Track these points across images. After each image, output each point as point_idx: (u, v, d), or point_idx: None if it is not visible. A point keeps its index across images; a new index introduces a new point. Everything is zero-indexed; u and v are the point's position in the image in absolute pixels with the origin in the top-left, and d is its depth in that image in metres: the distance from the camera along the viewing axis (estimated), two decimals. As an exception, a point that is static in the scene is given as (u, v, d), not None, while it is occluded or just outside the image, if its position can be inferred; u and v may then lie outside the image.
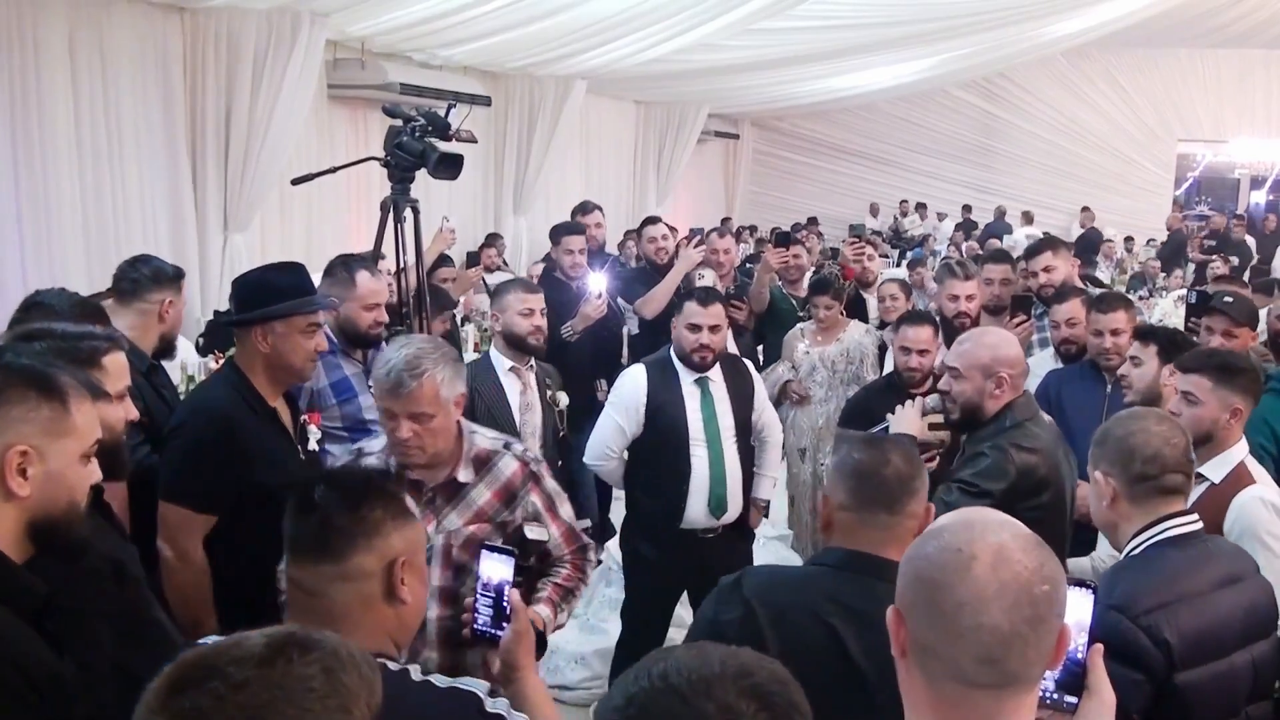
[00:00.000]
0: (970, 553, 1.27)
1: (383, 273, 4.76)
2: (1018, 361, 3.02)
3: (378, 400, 2.52)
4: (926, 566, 1.29)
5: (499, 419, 3.61)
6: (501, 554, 1.90)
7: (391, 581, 1.64)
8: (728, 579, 2.12)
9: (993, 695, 1.25)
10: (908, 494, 2.04)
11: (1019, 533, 1.31)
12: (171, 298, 3.32)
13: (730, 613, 2.02)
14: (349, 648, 1.13)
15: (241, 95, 7.07)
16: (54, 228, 6.32)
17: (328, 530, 1.62)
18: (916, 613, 1.29)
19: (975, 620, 1.24)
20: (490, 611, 1.86)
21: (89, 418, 1.71)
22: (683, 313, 3.76)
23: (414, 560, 1.68)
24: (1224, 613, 2.15)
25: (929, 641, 1.27)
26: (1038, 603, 1.25)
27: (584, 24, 9.11)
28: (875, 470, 2.04)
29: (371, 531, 1.63)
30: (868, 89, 15.61)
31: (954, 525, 1.33)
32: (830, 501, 2.10)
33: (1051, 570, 1.28)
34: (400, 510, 1.70)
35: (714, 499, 3.75)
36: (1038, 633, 1.25)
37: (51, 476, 1.64)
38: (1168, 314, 7.61)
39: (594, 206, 6.55)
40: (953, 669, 1.26)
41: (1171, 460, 2.20)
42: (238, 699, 1.03)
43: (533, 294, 3.82)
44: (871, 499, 2.03)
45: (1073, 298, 4.27)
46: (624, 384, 3.87)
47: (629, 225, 13.13)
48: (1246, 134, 17.16)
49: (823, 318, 5.08)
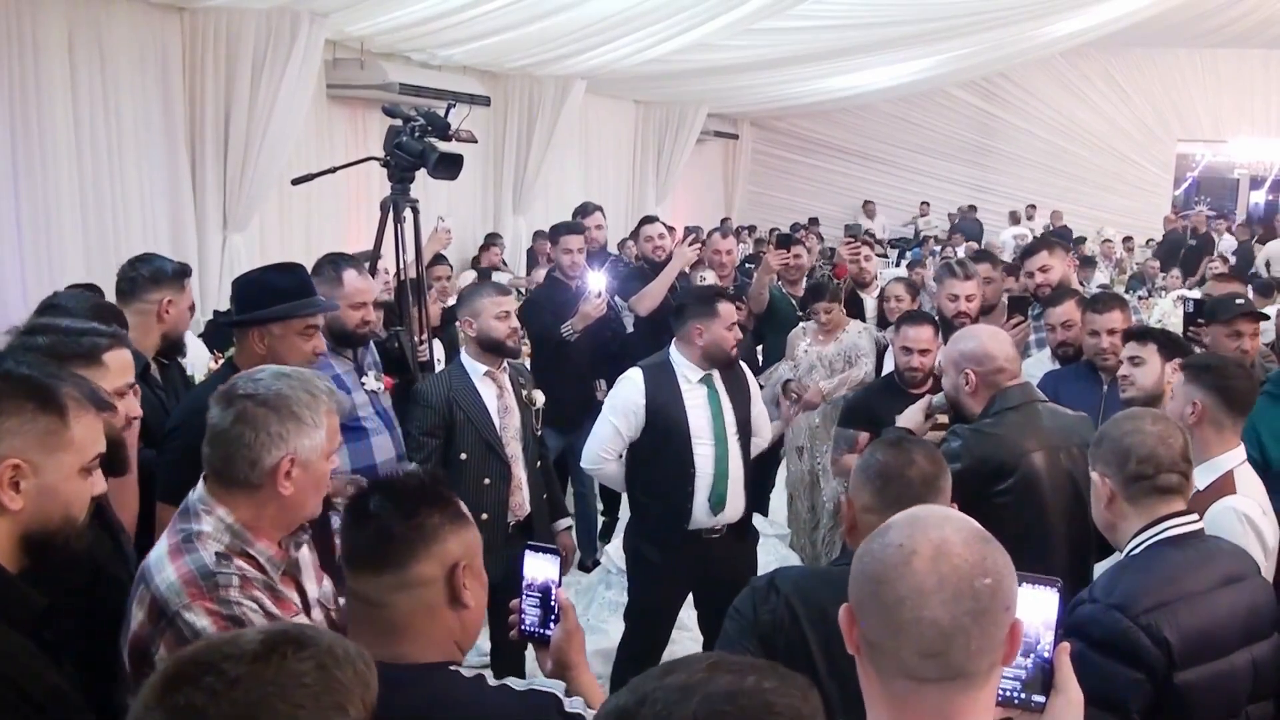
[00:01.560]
0: (911, 548, 1.28)
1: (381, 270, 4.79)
2: (987, 358, 3.04)
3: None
4: (871, 563, 1.31)
5: (480, 426, 3.60)
6: (546, 553, 1.88)
7: (454, 587, 1.63)
8: (760, 579, 2.12)
9: (940, 690, 1.26)
10: (932, 493, 2.04)
11: (962, 527, 1.32)
12: (171, 296, 3.30)
13: (771, 612, 2.03)
14: (344, 645, 1.13)
15: (241, 95, 7.08)
16: (53, 228, 6.32)
17: (386, 540, 1.61)
18: (864, 609, 1.30)
19: (916, 614, 1.25)
20: (538, 611, 1.85)
21: (90, 431, 1.68)
22: (721, 316, 3.77)
23: (473, 564, 1.67)
24: (1224, 612, 2.15)
25: (875, 637, 1.29)
26: (979, 595, 1.25)
27: (584, 24, 9.12)
28: (900, 471, 2.05)
29: (430, 538, 1.62)
30: (867, 89, 15.61)
31: (899, 522, 1.34)
32: (854, 504, 2.10)
33: (995, 564, 1.28)
34: (456, 514, 1.68)
35: (714, 495, 3.76)
36: (981, 625, 1.25)
37: (46, 490, 1.60)
38: (1167, 314, 7.60)
39: (595, 208, 6.56)
40: (898, 664, 1.27)
41: (1167, 460, 2.20)
42: (232, 695, 1.04)
43: (505, 295, 3.78)
44: (896, 500, 2.02)
45: (1068, 300, 4.27)
46: (621, 388, 3.87)
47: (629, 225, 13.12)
48: (1246, 134, 17.18)
49: (825, 321, 5.11)
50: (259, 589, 1.84)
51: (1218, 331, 3.93)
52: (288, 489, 1.89)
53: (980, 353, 3.05)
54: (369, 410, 3.55)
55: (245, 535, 1.88)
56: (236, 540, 1.87)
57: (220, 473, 1.89)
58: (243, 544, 1.88)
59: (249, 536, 1.88)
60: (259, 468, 1.87)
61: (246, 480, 1.87)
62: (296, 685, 1.06)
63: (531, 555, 1.87)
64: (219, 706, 1.03)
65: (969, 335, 3.21)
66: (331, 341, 3.56)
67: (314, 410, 1.93)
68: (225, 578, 1.80)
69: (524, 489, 3.70)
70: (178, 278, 3.34)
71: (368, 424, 3.52)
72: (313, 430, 1.92)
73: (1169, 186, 17.87)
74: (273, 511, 1.91)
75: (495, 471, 3.62)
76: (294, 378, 1.96)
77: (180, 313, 3.35)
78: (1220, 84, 16.94)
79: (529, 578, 1.86)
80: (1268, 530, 2.61)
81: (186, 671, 1.07)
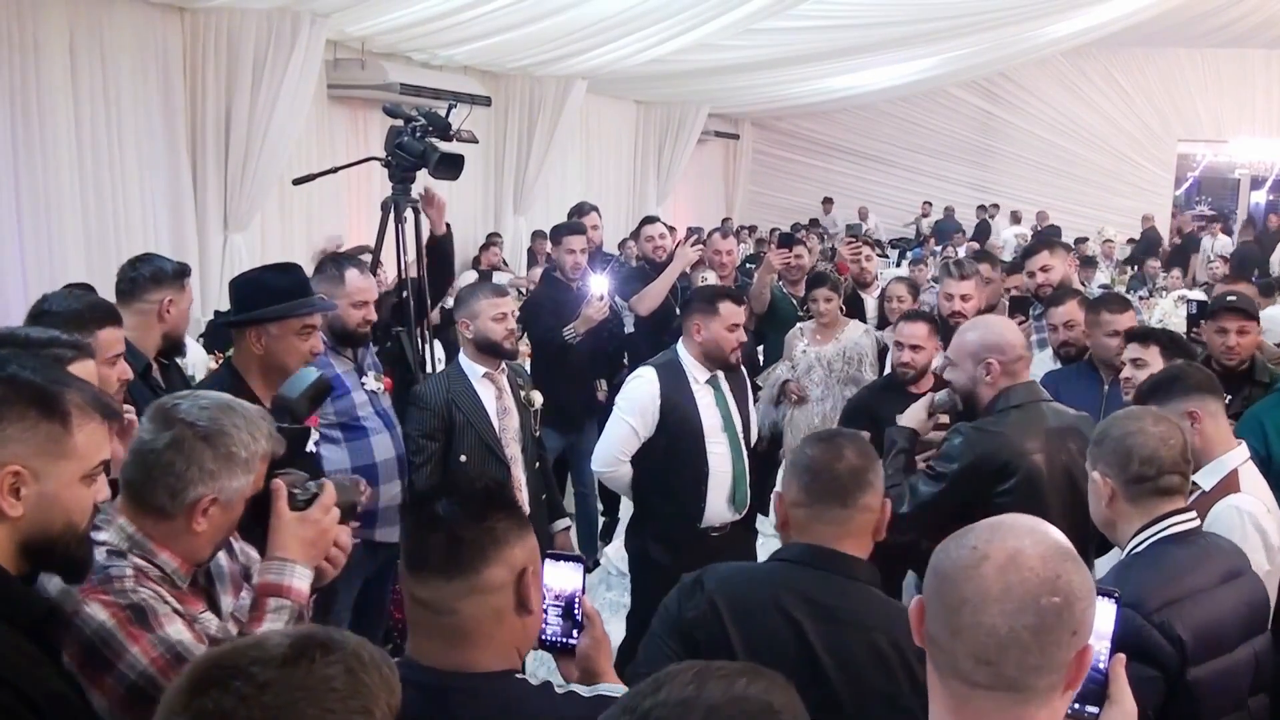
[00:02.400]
0: (985, 552, 1.28)
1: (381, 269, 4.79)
2: (1009, 347, 3.00)
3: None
4: (945, 560, 1.31)
5: (479, 428, 3.60)
6: (568, 561, 1.83)
7: (522, 592, 1.60)
8: (689, 576, 2.11)
9: (992, 698, 1.25)
10: (859, 487, 2.02)
11: (1044, 541, 1.30)
12: (172, 296, 3.28)
13: (695, 609, 2.02)
14: (370, 648, 1.13)
15: (241, 95, 7.08)
16: (54, 228, 6.33)
17: (458, 544, 1.56)
18: (930, 605, 1.31)
19: (975, 619, 1.25)
20: (560, 621, 1.81)
21: (94, 438, 1.64)
22: (721, 315, 3.74)
23: (536, 569, 1.65)
24: (1228, 608, 2.16)
25: (936, 634, 1.29)
26: (1043, 612, 1.24)
27: (584, 24, 9.12)
28: (827, 465, 2.03)
29: (501, 542, 1.58)
30: (868, 89, 15.62)
31: (983, 525, 1.34)
32: (784, 499, 2.10)
33: (1069, 584, 1.26)
34: (521, 519, 1.65)
35: (739, 493, 3.77)
36: (1040, 642, 1.24)
37: (46, 497, 1.57)
38: (1168, 314, 7.59)
39: (591, 208, 6.55)
40: (953, 664, 1.27)
41: (1168, 461, 2.20)
42: (262, 699, 1.03)
43: (502, 297, 3.76)
44: (823, 493, 2.02)
45: (1070, 300, 4.27)
46: (634, 387, 3.80)
47: (629, 225, 13.13)
48: (1246, 134, 17.16)
49: (823, 310, 5.05)
50: (156, 583, 1.76)
51: (1209, 329, 3.93)
52: (201, 526, 1.80)
53: (1002, 341, 3.00)
54: (369, 410, 3.55)
55: (147, 545, 1.79)
56: (136, 548, 1.78)
57: (136, 492, 1.80)
58: (144, 553, 1.79)
59: (151, 547, 1.79)
60: (179, 499, 1.78)
61: (162, 508, 1.78)
62: (326, 689, 1.06)
63: (552, 564, 1.82)
64: (248, 711, 1.03)
65: (983, 325, 3.14)
66: (333, 340, 3.57)
67: (252, 455, 1.84)
68: (118, 569, 1.73)
69: (523, 490, 3.70)
70: (178, 277, 3.33)
71: (367, 423, 3.52)
72: (243, 475, 1.83)
73: (1170, 186, 17.86)
74: (179, 544, 1.81)
75: (494, 473, 3.62)
76: (239, 414, 1.86)
77: (181, 313, 3.34)
78: (1221, 84, 16.93)
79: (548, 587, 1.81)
80: (1272, 528, 2.60)
81: (214, 675, 1.06)
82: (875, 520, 2.05)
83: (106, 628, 1.68)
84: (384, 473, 3.53)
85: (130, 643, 1.68)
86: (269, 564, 1.92)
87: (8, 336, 2.16)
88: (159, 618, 1.71)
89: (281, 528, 1.92)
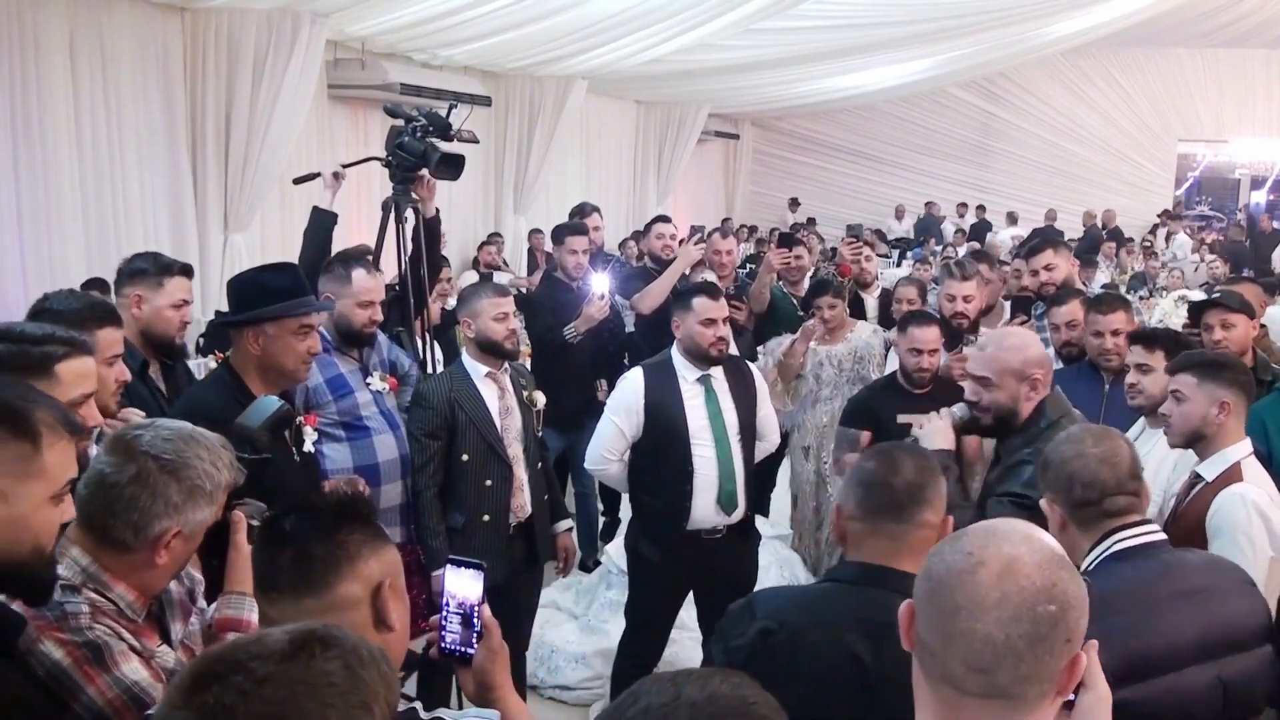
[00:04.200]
0: (980, 558, 1.26)
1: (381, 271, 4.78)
2: (1046, 359, 2.95)
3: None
4: (939, 565, 1.30)
5: (481, 427, 3.59)
6: (469, 567, 1.76)
7: (379, 608, 1.54)
8: (736, 604, 2.07)
9: (983, 707, 1.24)
10: (917, 503, 1.99)
11: (1040, 549, 1.28)
12: (142, 293, 3.20)
13: (741, 638, 1.97)
14: (368, 645, 1.13)
15: (242, 95, 7.08)
16: (55, 227, 6.32)
17: (307, 561, 1.51)
18: (922, 609, 1.29)
19: (969, 625, 1.23)
20: (459, 629, 1.75)
21: (63, 458, 1.59)
22: (694, 309, 3.73)
23: (396, 584, 1.58)
24: (1176, 625, 2.03)
25: (927, 639, 1.28)
26: (1039, 620, 1.23)
27: (584, 24, 9.12)
28: (884, 479, 2.00)
29: (353, 557, 1.53)
30: (868, 89, 15.62)
31: (977, 530, 1.32)
32: (842, 512, 2.07)
33: (1064, 592, 1.25)
34: (375, 533, 1.59)
35: (724, 495, 3.74)
36: (1035, 651, 1.22)
37: (15, 520, 1.52)
38: (1168, 314, 7.59)
39: (592, 208, 6.54)
40: (944, 670, 1.25)
41: (1111, 483, 2.12)
42: (261, 694, 1.03)
43: (504, 297, 3.73)
44: (878, 508, 1.99)
45: (1072, 300, 4.27)
46: (622, 387, 3.86)
47: (630, 225, 13.15)
48: (1247, 134, 17.18)
49: (828, 318, 5.05)
50: (113, 618, 1.72)
51: (1202, 325, 3.95)
52: (163, 560, 1.76)
53: (1040, 354, 2.91)
54: (373, 410, 3.55)
55: (102, 578, 1.74)
56: (90, 581, 1.73)
57: (96, 525, 1.74)
58: (98, 586, 1.74)
59: (106, 579, 1.74)
60: (143, 534, 1.73)
61: (123, 542, 1.73)
62: (325, 684, 1.06)
63: (454, 570, 1.76)
64: (248, 705, 1.03)
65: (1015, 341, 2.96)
66: (338, 340, 3.57)
67: (216, 486, 1.81)
68: (74, 605, 1.68)
69: (525, 490, 3.69)
70: (158, 274, 3.23)
71: (370, 423, 3.52)
72: (207, 507, 1.80)
73: (1170, 186, 17.87)
74: (137, 575, 1.77)
75: (497, 473, 3.62)
76: (202, 444, 1.83)
77: (156, 311, 3.22)
78: (1221, 84, 16.94)
79: (449, 593, 1.75)
80: (1276, 517, 2.57)
81: (214, 670, 1.06)
82: (934, 537, 1.98)
83: (61, 666, 1.64)
84: (386, 473, 3.52)
85: (86, 683, 1.65)
86: (227, 598, 1.89)
87: (5, 332, 2.12)
88: (114, 656, 1.67)
89: (239, 561, 1.89)
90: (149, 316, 3.22)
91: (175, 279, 3.27)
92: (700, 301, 3.74)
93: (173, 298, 3.25)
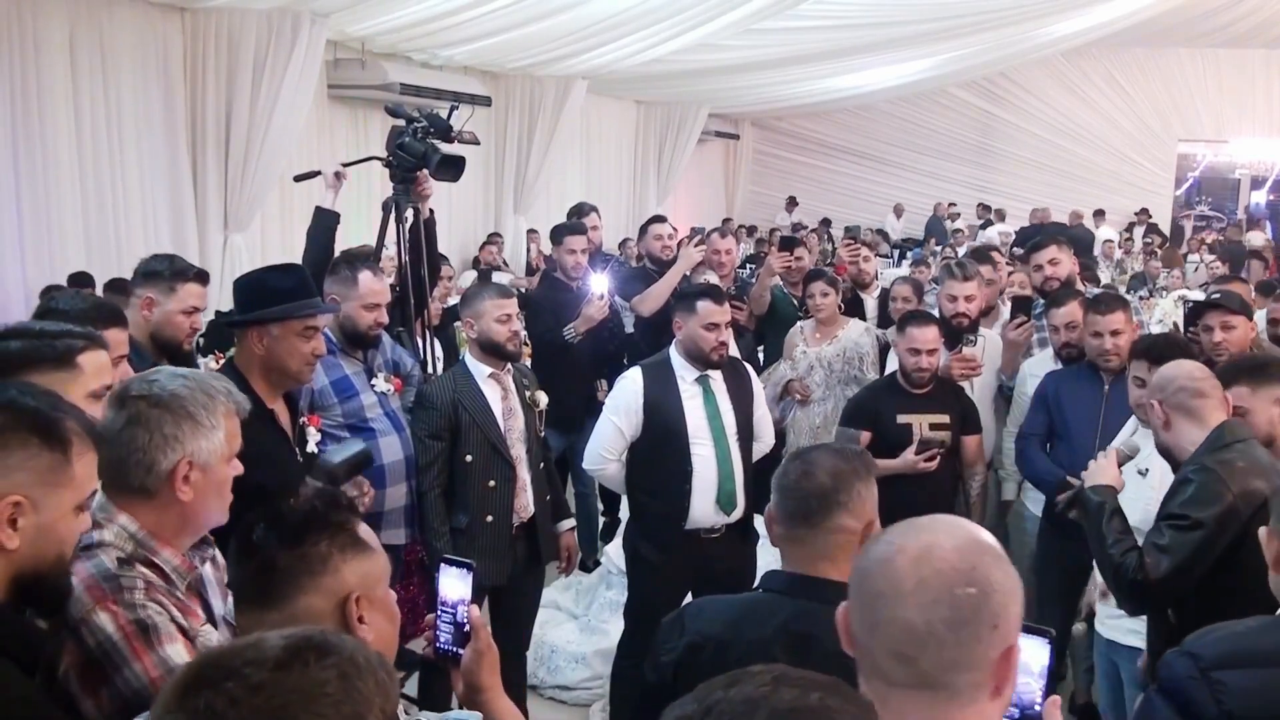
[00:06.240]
0: (899, 546, 1.26)
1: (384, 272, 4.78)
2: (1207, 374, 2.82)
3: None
4: (864, 558, 1.30)
5: (485, 428, 3.59)
6: (459, 567, 1.75)
7: (346, 622, 1.49)
8: (669, 617, 2.04)
9: (911, 698, 1.22)
10: (828, 508, 1.93)
11: (958, 535, 1.27)
12: (152, 295, 3.23)
13: (670, 654, 1.96)
14: (366, 653, 1.12)
15: (242, 95, 7.08)
16: (55, 227, 6.33)
17: (269, 574, 1.48)
18: (851, 603, 1.29)
19: (891, 613, 1.23)
20: (452, 629, 1.75)
21: (90, 468, 1.61)
22: (698, 313, 3.73)
23: (371, 594, 1.54)
24: None
25: (857, 633, 1.28)
26: (959, 604, 1.21)
27: (584, 24, 9.12)
28: (796, 484, 1.97)
29: (317, 568, 1.49)
30: (868, 89, 15.62)
31: (903, 523, 1.32)
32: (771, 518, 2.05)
33: (986, 576, 1.23)
34: (349, 541, 1.54)
35: (724, 495, 3.74)
36: (958, 636, 1.21)
37: (43, 529, 1.53)
38: (1168, 314, 7.60)
39: (591, 208, 6.54)
40: (873, 663, 1.25)
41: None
42: (253, 701, 1.03)
43: (507, 298, 3.72)
44: (792, 514, 1.97)
45: (1072, 300, 4.26)
46: (621, 387, 3.86)
47: (630, 226, 13.14)
48: (1247, 134, 17.18)
49: (820, 305, 5.02)
50: (163, 595, 1.75)
51: (1200, 329, 3.95)
52: (186, 494, 1.79)
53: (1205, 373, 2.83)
54: (377, 411, 3.55)
55: (150, 543, 1.78)
56: (140, 549, 1.77)
57: (115, 479, 1.77)
58: (147, 552, 1.78)
59: (154, 545, 1.79)
60: (154, 473, 1.77)
61: (143, 486, 1.77)
62: (319, 694, 1.05)
63: (446, 570, 1.76)
64: (239, 712, 1.02)
65: (1193, 368, 2.84)
66: (343, 342, 3.57)
67: (210, 411, 1.83)
68: (129, 579, 1.71)
69: (528, 490, 3.70)
70: (171, 279, 3.26)
71: (375, 425, 3.52)
72: (210, 432, 1.82)
73: (1170, 186, 17.87)
74: (174, 519, 1.81)
75: (500, 473, 3.62)
76: (190, 378, 1.86)
77: (166, 315, 3.25)
78: (1221, 84, 16.94)
79: (443, 594, 1.75)
80: None
81: (208, 675, 1.06)
82: (856, 542, 1.92)
83: (113, 640, 1.66)
84: (391, 475, 3.52)
85: (134, 658, 1.67)
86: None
87: (22, 330, 2.14)
88: (162, 636, 1.70)
89: None
90: (159, 320, 3.24)
91: (188, 285, 3.30)
92: (705, 305, 3.73)
93: (184, 303, 3.28)
